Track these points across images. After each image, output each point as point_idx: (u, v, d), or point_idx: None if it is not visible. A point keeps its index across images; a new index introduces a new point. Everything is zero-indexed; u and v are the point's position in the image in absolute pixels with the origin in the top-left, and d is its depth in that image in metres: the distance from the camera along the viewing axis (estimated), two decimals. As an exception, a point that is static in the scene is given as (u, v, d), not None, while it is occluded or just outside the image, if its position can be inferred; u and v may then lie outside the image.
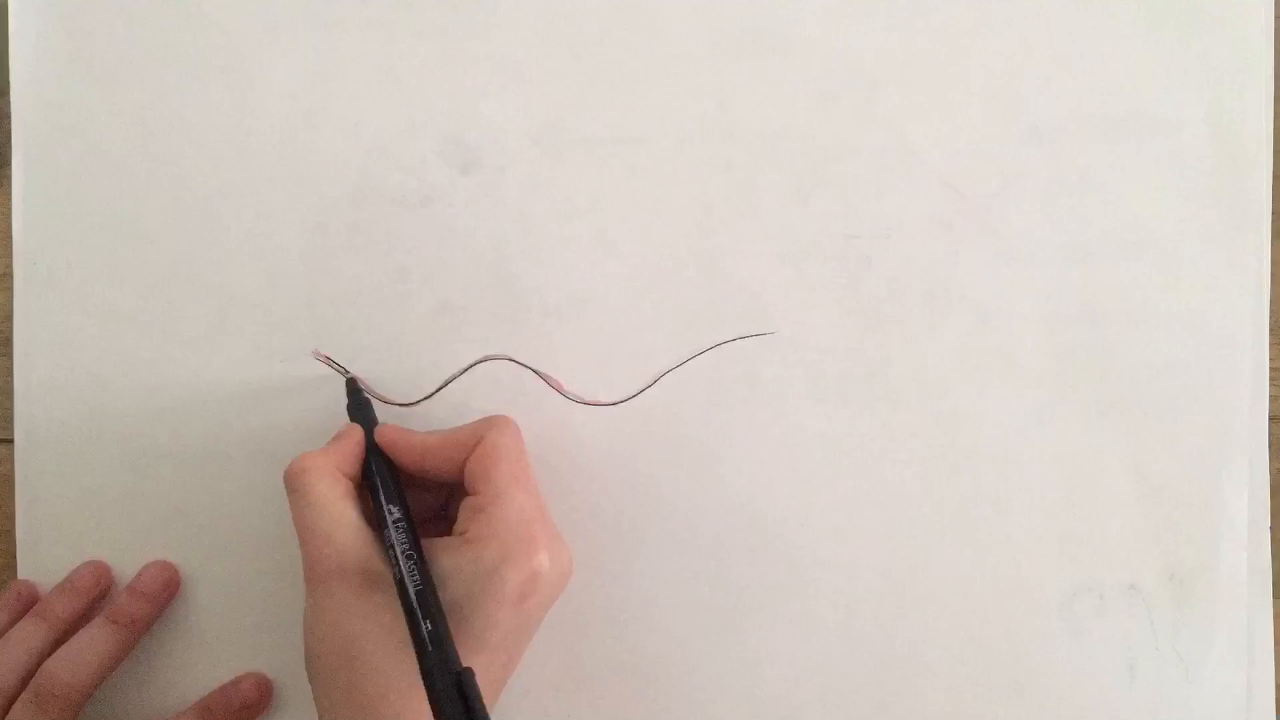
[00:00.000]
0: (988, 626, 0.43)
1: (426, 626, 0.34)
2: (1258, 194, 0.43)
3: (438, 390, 0.42)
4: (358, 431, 0.39)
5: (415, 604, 0.34)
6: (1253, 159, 0.43)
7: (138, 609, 0.41)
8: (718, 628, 0.43)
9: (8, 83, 0.42)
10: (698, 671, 0.43)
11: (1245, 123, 0.43)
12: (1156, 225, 0.43)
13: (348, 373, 0.42)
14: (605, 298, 0.42)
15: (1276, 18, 0.43)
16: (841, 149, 0.42)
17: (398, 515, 0.37)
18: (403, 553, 0.36)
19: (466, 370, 0.42)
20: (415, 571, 0.35)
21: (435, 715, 0.32)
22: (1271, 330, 0.43)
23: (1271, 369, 0.43)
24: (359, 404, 0.40)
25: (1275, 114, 0.43)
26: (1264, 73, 0.43)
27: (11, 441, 0.42)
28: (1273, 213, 0.43)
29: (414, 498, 0.39)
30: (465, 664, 0.33)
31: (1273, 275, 0.43)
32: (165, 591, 0.42)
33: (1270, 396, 0.43)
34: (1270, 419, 0.43)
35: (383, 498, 0.38)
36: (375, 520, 0.37)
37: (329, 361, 0.42)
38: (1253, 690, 0.43)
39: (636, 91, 0.42)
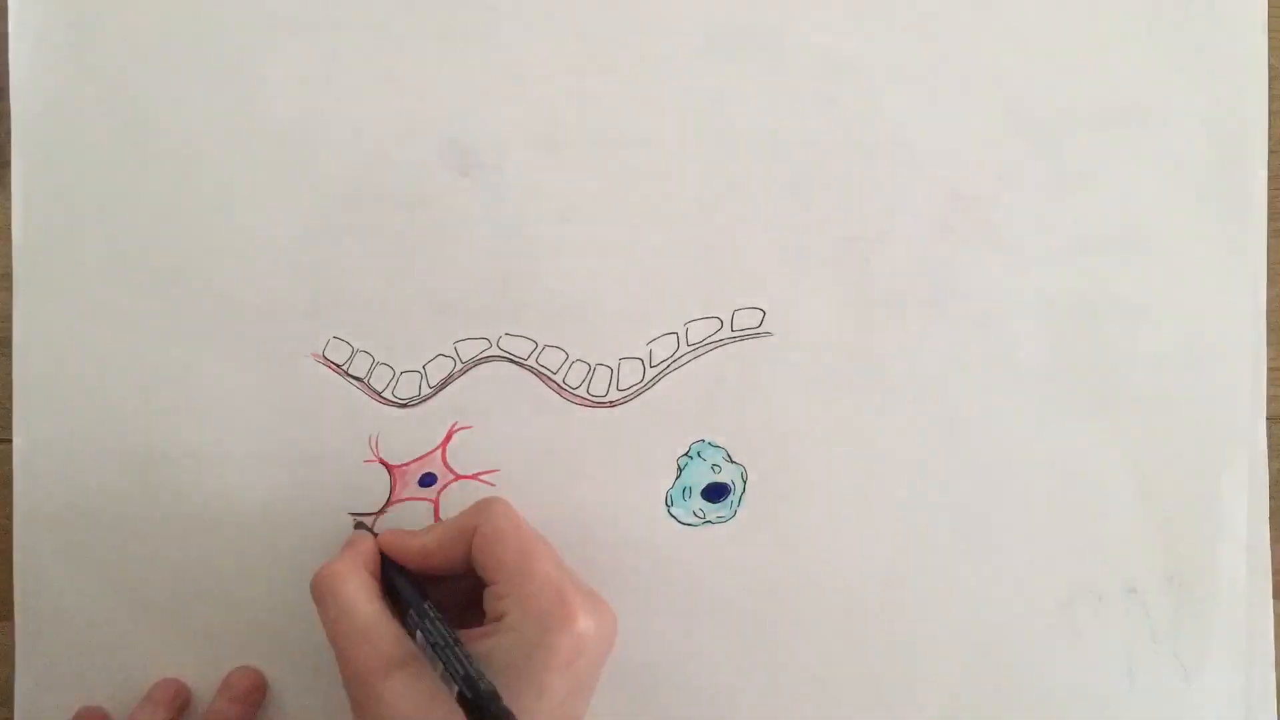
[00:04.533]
0: (986, 629, 0.43)
1: (489, 706, 0.32)
2: (1255, 192, 0.43)
3: (437, 391, 0.42)
4: (369, 537, 0.40)
5: (465, 688, 0.33)
6: (1250, 157, 0.43)
7: (234, 712, 0.41)
8: (716, 628, 0.43)
9: (8, 82, 0.42)
10: (697, 672, 0.43)
11: (1242, 120, 0.43)
12: (1155, 224, 0.43)
13: (351, 376, 0.42)
14: (604, 298, 0.42)
15: (1271, 14, 0.43)
16: (840, 150, 0.43)
17: (428, 609, 0.36)
18: (443, 643, 0.35)
19: (466, 370, 0.42)
20: (460, 658, 0.34)
21: None
22: (1270, 330, 0.43)
23: (1270, 369, 0.43)
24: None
25: (1271, 111, 0.43)
26: (1260, 70, 0.43)
27: (11, 441, 0.42)
28: (1270, 211, 0.43)
29: (443, 589, 0.39)
30: None
31: (1270, 274, 0.43)
32: (254, 695, 0.42)
33: (1269, 396, 0.43)
34: (1269, 419, 0.43)
35: (413, 593, 0.38)
36: (405, 620, 0.37)
37: (329, 364, 0.42)
38: (1252, 694, 0.43)
39: (635, 94, 0.42)
